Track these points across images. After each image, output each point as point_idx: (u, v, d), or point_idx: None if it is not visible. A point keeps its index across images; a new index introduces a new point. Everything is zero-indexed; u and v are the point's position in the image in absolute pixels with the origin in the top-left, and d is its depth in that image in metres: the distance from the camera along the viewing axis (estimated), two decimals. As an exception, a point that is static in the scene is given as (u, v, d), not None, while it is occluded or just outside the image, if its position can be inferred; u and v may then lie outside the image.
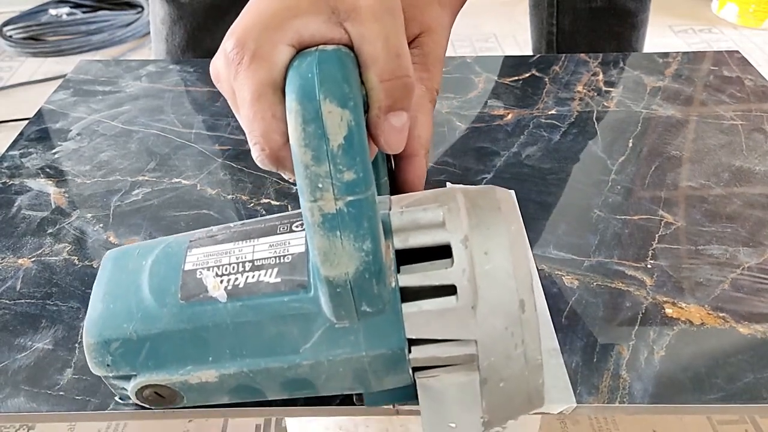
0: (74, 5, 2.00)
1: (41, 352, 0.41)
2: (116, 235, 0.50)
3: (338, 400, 0.37)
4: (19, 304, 0.44)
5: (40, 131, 0.64)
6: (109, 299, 0.34)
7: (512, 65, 0.74)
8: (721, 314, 0.42)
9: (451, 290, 0.31)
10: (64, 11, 1.96)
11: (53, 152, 0.61)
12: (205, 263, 0.33)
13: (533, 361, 0.31)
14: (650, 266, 0.46)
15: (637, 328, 0.42)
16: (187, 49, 0.90)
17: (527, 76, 0.71)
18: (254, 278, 0.32)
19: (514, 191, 0.53)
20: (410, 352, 0.32)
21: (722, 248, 0.48)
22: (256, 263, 0.33)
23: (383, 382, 0.33)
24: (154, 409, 0.36)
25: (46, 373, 0.40)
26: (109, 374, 0.34)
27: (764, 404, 0.37)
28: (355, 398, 0.36)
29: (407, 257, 0.32)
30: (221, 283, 0.33)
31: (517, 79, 0.71)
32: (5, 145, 0.63)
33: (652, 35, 1.00)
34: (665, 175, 0.56)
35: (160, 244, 0.36)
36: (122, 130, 0.64)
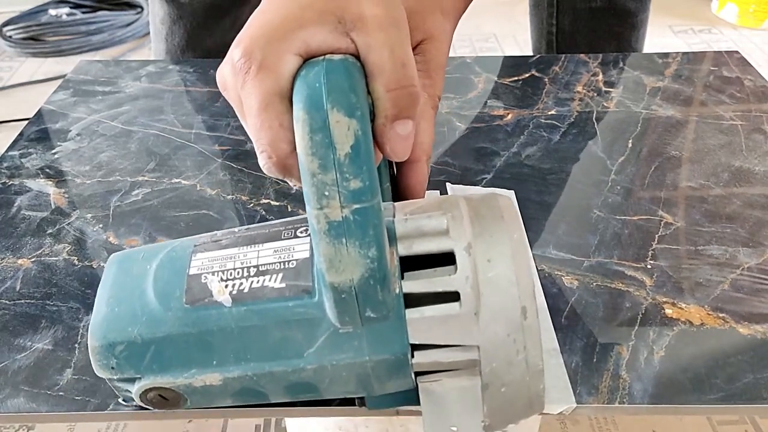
0: (74, 5, 2.00)
1: (41, 352, 0.41)
2: (116, 235, 0.50)
3: (338, 400, 0.37)
4: (18, 304, 0.44)
5: (40, 131, 0.64)
6: (113, 302, 0.34)
7: (512, 65, 0.74)
8: (720, 314, 0.42)
9: (454, 297, 0.31)
10: (64, 11, 1.96)
11: (53, 152, 0.61)
12: (209, 268, 0.34)
13: (534, 367, 0.31)
14: (650, 266, 0.46)
15: (636, 328, 0.42)
16: (186, 48, 0.90)
17: (527, 76, 0.71)
18: (259, 283, 0.32)
19: (513, 191, 0.53)
20: (413, 357, 0.32)
21: (722, 248, 0.48)
22: (260, 268, 0.33)
23: (386, 386, 0.33)
24: (157, 411, 0.36)
25: (45, 373, 0.40)
26: (113, 377, 0.34)
27: (764, 404, 0.37)
28: (357, 402, 0.36)
29: (411, 264, 0.32)
30: (226, 287, 0.33)
31: (516, 79, 0.71)
32: (5, 145, 0.63)
33: (652, 35, 1.00)
34: (665, 175, 0.56)
35: (164, 248, 0.36)
36: (122, 130, 0.64)
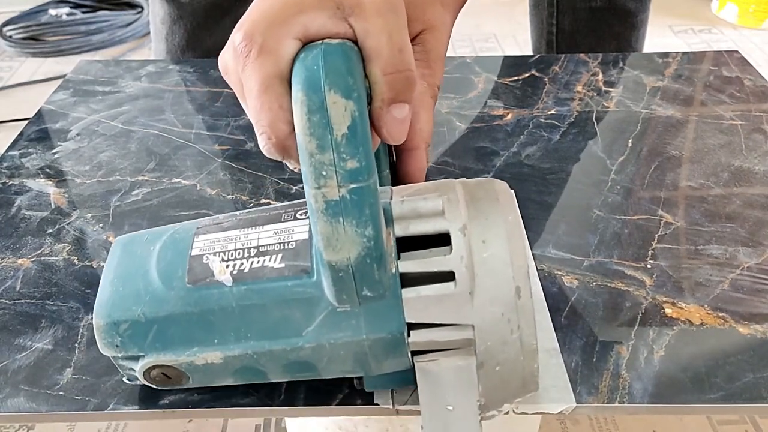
0: (74, 5, 2.00)
1: (41, 352, 0.41)
2: (116, 235, 0.50)
3: (338, 400, 0.37)
4: (18, 304, 0.44)
5: (40, 131, 0.64)
6: (118, 283, 0.35)
7: (512, 65, 0.74)
8: (720, 314, 0.42)
9: (449, 276, 0.31)
10: (64, 11, 1.96)
11: (53, 152, 0.61)
12: (211, 249, 0.34)
13: (528, 346, 0.32)
14: (650, 266, 0.46)
15: (636, 327, 0.42)
16: (187, 48, 0.90)
17: (527, 76, 0.71)
18: (259, 263, 0.33)
19: (513, 191, 0.53)
20: (409, 336, 0.32)
21: (722, 248, 0.48)
22: (261, 249, 0.34)
23: (383, 365, 0.34)
24: (160, 389, 0.36)
25: (45, 373, 0.40)
26: (117, 355, 0.35)
27: (764, 404, 0.37)
28: (355, 382, 0.37)
29: (407, 245, 0.32)
30: (227, 267, 0.33)
31: (516, 79, 0.71)
32: (5, 145, 0.63)
33: (652, 35, 1.00)
34: (665, 175, 0.56)
35: (167, 230, 0.37)
36: (122, 130, 0.64)
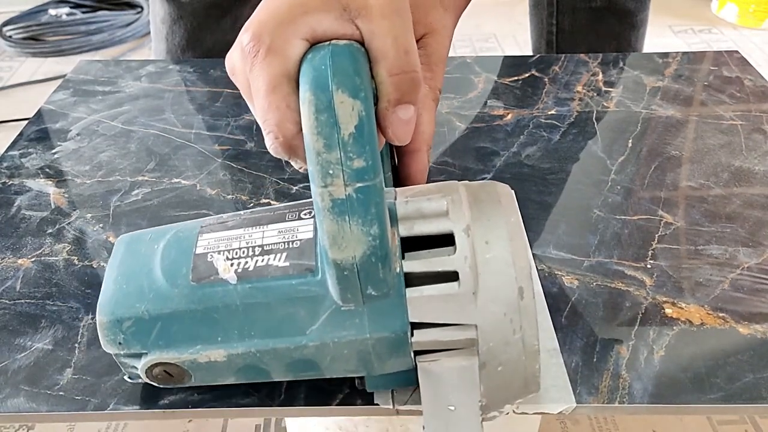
0: (74, 5, 2.00)
1: (41, 352, 0.41)
2: (116, 235, 0.50)
3: (338, 400, 0.37)
4: (18, 304, 0.44)
5: (39, 131, 0.64)
6: (121, 280, 0.35)
7: (512, 65, 0.74)
8: (720, 314, 0.42)
9: (453, 276, 0.32)
10: (64, 11, 1.96)
11: (53, 152, 0.61)
12: (215, 247, 0.35)
13: (530, 347, 0.32)
14: (650, 266, 0.46)
15: (636, 328, 0.42)
16: (187, 48, 0.90)
17: (527, 76, 0.71)
18: (263, 262, 0.33)
19: (513, 191, 0.53)
20: (412, 335, 0.33)
21: (722, 248, 0.48)
22: (265, 248, 0.34)
23: (386, 365, 0.34)
24: (162, 387, 0.36)
25: (45, 373, 0.40)
26: (120, 352, 0.35)
27: (764, 404, 0.37)
28: (357, 382, 0.37)
29: (411, 246, 0.33)
30: (231, 266, 0.34)
31: (516, 79, 0.71)
32: (5, 145, 0.63)
33: (651, 35, 1.00)
34: (665, 175, 0.56)
35: (171, 229, 0.37)
36: (122, 130, 0.64)
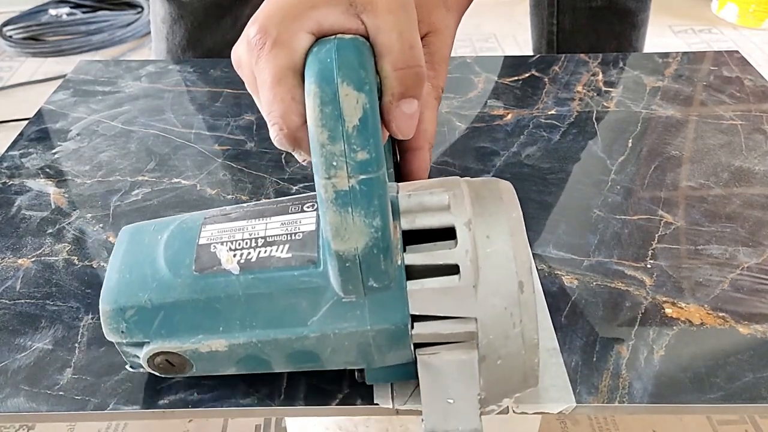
0: (74, 5, 2.00)
1: (41, 352, 0.41)
2: (116, 235, 0.50)
3: (338, 400, 0.37)
4: (18, 304, 0.44)
5: (40, 131, 0.64)
6: (125, 270, 0.35)
7: (512, 65, 0.74)
8: (720, 314, 0.42)
9: (454, 270, 0.32)
10: (64, 11, 1.96)
11: (53, 152, 0.61)
12: (219, 238, 0.35)
13: (530, 340, 0.32)
14: (650, 266, 0.46)
15: (636, 327, 0.42)
16: (187, 47, 0.90)
17: (527, 76, 0.71)
18: (266, 253, 0.34)
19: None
20: (413, 328, 0.33)
21: (722, 248, 0.48)
22: (268, 239, 0.34)
23: (386, 357, 0.34)
24: (164, 376, 0.36)
25: (45, 373, 0.40)
26: (122, 341, 0.35)
27: (764, 404, 0.37)
28: (357, 374, 0.37)
29: (413, 240, 0.33)
30: (234, 256, 0.34)
31: (516, 79, 0.71)
32: (5, 145, 0.63)
33: (652, 35, 1.00)
34: (665, 175, 0.56)
35: (174, 221, 0.37)
36: (122, 130, 0.64)
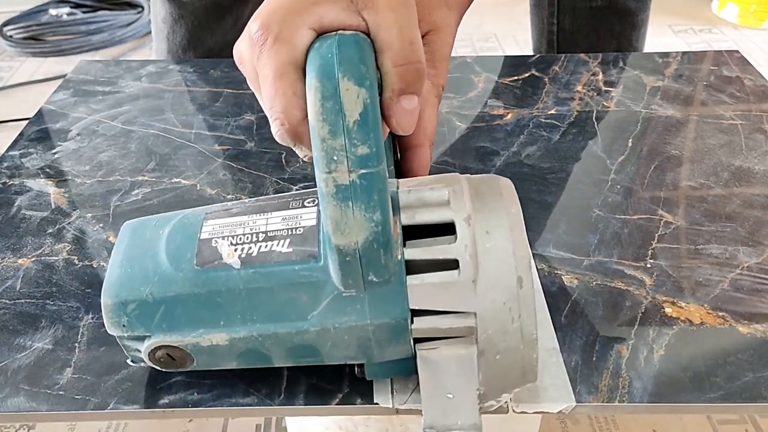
0: (74, 5, 2.00)
1: (41, 351, 0.41)
2: (116, 235, 0.50)
3: (338, 399, 0.37)
4: (18, 303, 0.45)
5: (40, 131, 0.64)
6: (126, 264, 0.35)
7: (512, 65, 0.74)
8: (720, 314, 0.42)
9: (453, 265, 0.32)
10: (64, 11, 1.96)
11: (53, 152, 0.61)
12: (220, 233, 0.35)
13: (529, 336, 0.33)
14: (650, 266, 0.46)
15: (636, 327, 0.42)
16: (188, 47, 0.90)
17: (527, 76, 0.71)
18: (267, 247, 0.34)
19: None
20: (412, 322, 0.33)
21: (722, 248, 0.48)
22: (269, 234, 0.34)
23: (385, 352, 0.34)
24: (164, 371, 0.37)
25: (45, 372, 0.40)
26: (123, 334, 0.35)
27: (764, 403, 0.37)
28: (356, 370, 0.37)
29: (413, 235, 0.33)
30: (235, 251, 0.34)
31: (516, 78, 0.71)
32: (5, 145, 0.63)
33: (652, 35, 1.00)
34: (665, 174, 0.56)
35: (176, 216, 0.37)
36: (122, 130, 0.64)
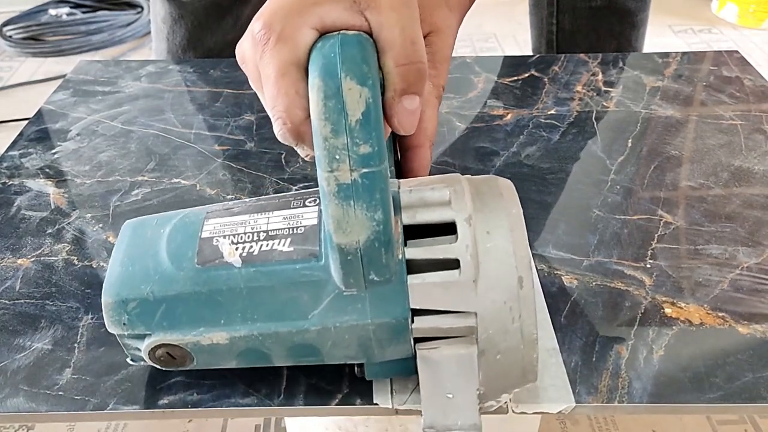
0: (74, 5, 2.00)
1: (40, 352, 0.41)
2: (115, 235, 0.50)
3: (338, 400, 0.37)
4: (18, 304, 0.45)
5: (39, 131, 0.64)
6: (127, 262, 0.35)
7: (512, 65, 0.74)
8: (720, 314, 0.42)
9: (454, 264, 0.32)
10: (64, 11, 1.96)
11: (53, 152, 0.61)
12: (221, 232, 0.35)
13: (529, 335, 0.33)
14: (649, 266, 0.46)
15: (636, 327, 0.42)
16: (188, 47, 0.90)
17: (527, 76, 0.71)
18: (268, 246, 0.34)
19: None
20: (413, 322, 0.33)
21: (721, 248, 0.48)
22: (270, 233, 0.34)
23: (386, 351, 0.34)
24: (164, 369, 0.37)
25: (45, 373, 0.40)
26: (124, 333, 0.35)
27: (763, 404, 0.37)
28: (357, 370, 0.37)
29: (414, 235, 0.33)
30: (236, 250, 0.34)
31: (516, 79, 0.71)
32: (5, 145, 0.63)
33: (651, 35, 1.00)
34: (664, 175, 0.56)
35: (177, 215, 0.37)
36: (122, 130, 0.64)
